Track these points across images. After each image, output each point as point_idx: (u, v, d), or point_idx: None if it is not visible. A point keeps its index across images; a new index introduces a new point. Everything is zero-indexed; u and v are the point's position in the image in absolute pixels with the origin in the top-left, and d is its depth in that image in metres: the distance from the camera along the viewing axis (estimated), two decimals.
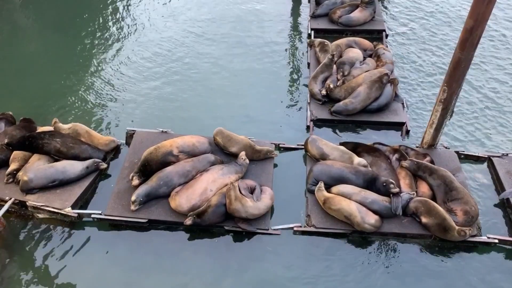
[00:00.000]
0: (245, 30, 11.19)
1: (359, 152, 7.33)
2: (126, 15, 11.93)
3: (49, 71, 9.89)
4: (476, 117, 8.49)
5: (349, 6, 10.84)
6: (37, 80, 9.58)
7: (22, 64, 10.09)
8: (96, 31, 11.28)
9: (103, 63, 10.16)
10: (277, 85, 9.48)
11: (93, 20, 11.70)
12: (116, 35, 11.15)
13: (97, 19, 11.79)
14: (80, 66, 10.06)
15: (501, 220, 6.65)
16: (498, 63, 9.89)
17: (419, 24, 11.25)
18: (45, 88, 9.32)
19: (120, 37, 11.07)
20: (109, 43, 10.85)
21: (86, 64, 10.11)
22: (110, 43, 10.85)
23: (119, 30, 11.32)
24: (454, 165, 7.16)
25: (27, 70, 9.89)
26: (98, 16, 11.89)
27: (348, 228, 6.38)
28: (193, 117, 8.63)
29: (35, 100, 8.94)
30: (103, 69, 9.96)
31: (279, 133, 8.19)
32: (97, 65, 10.08)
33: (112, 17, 11.88)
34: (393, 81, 8.55)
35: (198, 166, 6.77)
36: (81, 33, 11.15)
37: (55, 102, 8.90)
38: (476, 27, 5.96)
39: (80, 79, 9.64)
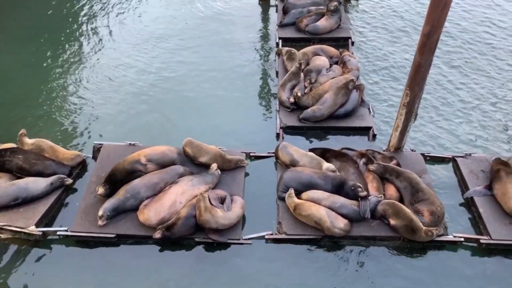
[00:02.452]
0: (213, 41, 11.22)
1: (328, 157, 7.41)
2: (94, 28, 11.76)
3: (14, 85, 9.63)
4: (439, 119, 8.73)
5: (315, 15, 11.03)
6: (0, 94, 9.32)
7: None
8: (63, 44, 11.08)
9: (68, 76, 9.97)
10: (246, 94, 9.51)
11: (60, 33, 11.50)
12: (83, 48, 10.98)
13: (64, 32, 11.59)
14: (45, 80, 9.84)
15: (466, 219, 6.82)
16: (458, 64, 10.22)
17: (384, 30, 11.55)
18: (8, 103, 9.05)
19: (88, 50, 10.90)
20: (76, 57, 10.66)
21: (52, 78, 9.90)
22: (76, 57, 10.66)
23: (87, 44, 11.15)
24: (420, 167, 7.33)
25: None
26: (65, 29, 11.68)
27: (319, 233, 6.41)
28: (162, 129, 8.54)
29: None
30: (69, 83, 9.77)
31: (250, 142, 8.19)
32: (63, 79, 9.88)
33: (79, 30, 11.69)
34: (359, 87, 8.72)
35: (167, 178, 6.69)
36: (48, 47, 10.93)
37: (19, 117, 8.66)
38: (433, 32, 6.16)
39: (45, 93, 9.41)
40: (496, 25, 11.65)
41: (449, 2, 5.92)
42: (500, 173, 6.82)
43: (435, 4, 5.92)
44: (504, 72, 10.01)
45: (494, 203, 6.72)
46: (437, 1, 5.90)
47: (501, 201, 6.62)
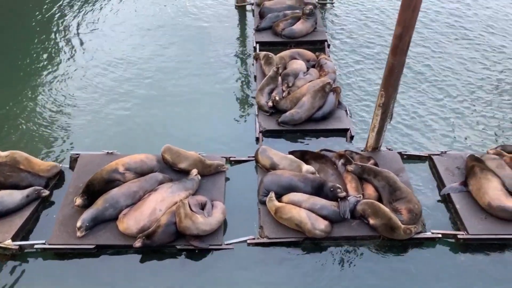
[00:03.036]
0: (190, 47, 11.20)
1: (307, 159, 7.48)
2: (68, 36, 11.59)
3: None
4: (415, 118, 8.90)
5: (291, 18, 11.14)
6: None
7: None
8: (37, 53, 10.88)
9: (42, 86, 9.79)
10: (225, 98, 9.52)
11: (33, 43, 11.29)
12: (58, 57, 10.80)
13: (37, 40, 11.38)
14: (18, 90, 9.63)
15: (444, 215, 6.96)
16: (430, 64, 10.47)
17: (359, 32, 11.73)
18: None
19: (62, 59, 10.73)
20: (50, 65, 10.49)
21: (24, 88, 9.70)
22: (50, 65, 10.49)
23: (61, 52, 10.98)
24: (397, 165, 7.46)
25: None
26: (38, 38, 11.48)
27: (300, 235, 6.44)
28: (141, 137, 8.46)
29: None
30: (43, 92, 9.60)
31: (229, 146, 8.20)
32: (36, 88, 9.70)
33: (53, 39, 11.50)
34: (335, 90, 8.83)
35: (146, 186, 6.62)
36: (21, 57, 10.72)
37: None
38: (404, 34, 6.30)
39: (18, 104, 9.22)
40: (464, 21, 11.99)
41: (418, 4, 6.06)
42: (474, 169, 6.99)
43: (406, 6, 6.06)
44: (475, 70, 10.28)
45: (470, 199, 6.88)
46: (407, 3, 6.04)
47: (476, 197, 6.78)
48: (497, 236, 6.41)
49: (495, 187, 6.64)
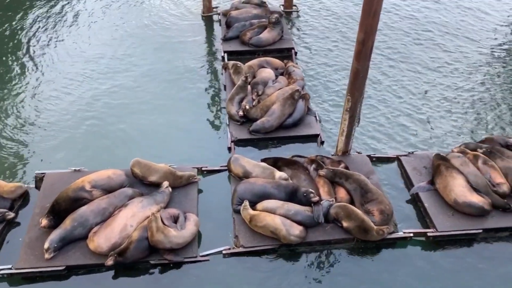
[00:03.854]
0: (158, 59, 11.09)
1: (279, 166, 7.51)
2: (31, 50, 11.26)
3: None
4: (382, 121, 9.11)
5: (257, 27, 11.23)
6: None
7: None
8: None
9: (3, 103, 9.44)
10: (195, 109, 9.47)
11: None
12: (20, 73, 10.47)
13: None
14: None
15: (414, 214, 7.14)
16: (394, 65, 10.77)
17: (325, 39, 11.94)
18: None
19: (24, 74, 10.40)
20: (11, 81, 10.14)
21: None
22: (12, 82, 10.14)
23: (23, 67, 10.64)
24: (367, 168, 7.60)
25: None
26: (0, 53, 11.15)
27: (276, 243, 6.44)
28: (108, 152, 8.28)
29: None
30: (5, 109, 9.25)
31: (202, 157, 8.13)
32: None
33: (15, 53, 11.14)
34: (304, 96, 8.94)
35: (115, 202, 6.47)
36: None
37: None
38: (367, 39, 6.46)
39: None
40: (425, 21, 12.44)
41: (379, 9, 6.24)
42: (440, 168, 7.20)
43: (366, 13, 6.22)
44: (437, 71, 10.64)
45: (438, 197, 7.08)
46: (367, 9, 6.21)
47: (443, 194, 6.98)
48: (464, 231, 6.61)
49: (460, 184, 6.86)
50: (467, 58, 11.14)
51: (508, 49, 11.55)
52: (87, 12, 13.00)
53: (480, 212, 6.71)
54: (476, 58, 11.16)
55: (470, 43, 11.77)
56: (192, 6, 13.44)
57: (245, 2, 12.54)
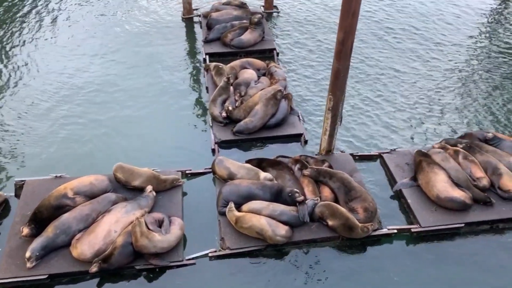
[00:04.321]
0: (139, 62, 10.98)
1: (264, 167, 7.52)
2: (9, 56, 11.02)
3: None
4: (364, 120, 9.20)
5: (239, 29, 11.23)
6: None
7: None
8: None
9: None
10: (178, 111, 9.40)
11: None
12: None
13: None
14: None
15: (398, 211, 7.23)
16: (373, 64, 10.91)
17: (306, 39, 12.01)
18: None
19: (4, 79, 10.17)
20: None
21: None
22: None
23: (2, 72, 10.44)
24: (350, 166, 7.67)
25: None
26: None
27: (262, 243, 6.44)
28: (90, 157, 8.15)
29: None
30: None
31: (185, 160, 8.07)
32: None
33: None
34: (287, 96, 8.97)
35: (98, 208, 6.38)
36: None
37: None
38: (346, 39, 6.52)
39: None
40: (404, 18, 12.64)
41: (357, 9, 6.31)
42: (422, 164, 7.32)
43: (345, 13, 6.28)
44: (416, 67, 10.81)
45: (420, 192, 7.19)
46: (346, 9, 6.27)
47: (426, 190, 7.09)
48: (447, 226, 6.73)
49: (442, 180, 6.98)
50: (445, 57, 11.34)
51: (483, 47, 11.80)
52: (65, 15, 12.80)
53: (462, 207, 6.84)
54: (453, 56, 11.37)
55: (447, 42, 11.99)
56: (172, 9, 13.36)
57: (225, 3, 12.52)
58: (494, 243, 6.75)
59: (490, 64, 11.09)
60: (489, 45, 11.86)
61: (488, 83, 10.39)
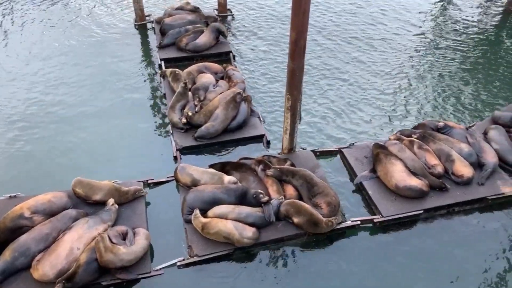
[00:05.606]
0: (94, 71, 10.69)
1: (228, 170, 7.52)
2: None
3: None
4: (323, 117, 9.40)
5: (193, 33, 11.16)
6: None
7: None
8: None
9: None
10: (136, 120, 9.22)
11: None
12: None
13: None
14: None
15: (360, 203, 7.44)
16: (326, 61, 11.18)
17: (261, 40, 12.12)
18: None
19: None
20: None
21: None
22: None
23: None
24: (312, 163, 7.81)
25: None
26: None
27: (230, 247, 6.44)
28: (46, 173, 7.86)
29: None
30: None
31: (147, 170, 7.93)
32: None
33: None
34: (246, 98, 9.02)
35: (59, 226, 6.15)
36: None
37: None
38: (299, 38, 6.63)
39: None
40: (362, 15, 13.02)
41: (307, 8, 6.40)
42: (379, 156, 7.56)
43: (296, 12, 6.37)
44: (367, 62, 11.17)
45: (380, 183, 7.43)
46: (297, 9, 6.35)
47: (385, 181, 7.34)
48: (407, 214, 6.99)
49: (400, 170, 7.25)
50: (396, 51, 11.78)
51: (433, 39, 12.36)
52: (15, 25, 12.27)
53: (419, 194, 7.13)
54: (401, 52, 11.84)
55: (398, 36, 12.46)
56: (124, 15, 13.11)
57: (178, 8, 12.42)
58: (451, 228, 7.07)
59: (436, 58, 11.62)
60: (433, 39, 12.42)
61: (435, 76, 10.88)
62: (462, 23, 13.10)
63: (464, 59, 11.45)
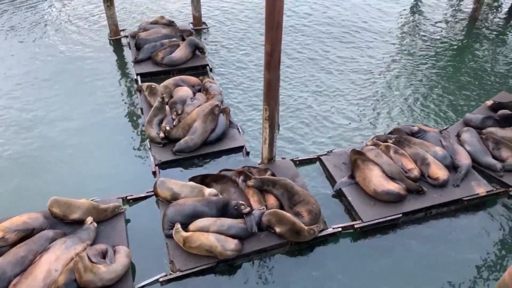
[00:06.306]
0: (70, 89, 10.55)
1: (208, 183, 7.49)
2: None
3: None
4: (300, 125, 9.51)
5: (169, 47, 11.17)
6: None
7: None
8: None
9: None
10: (113, 137, 9.12)
11: None
12: None
13: None
14: None
15: (341, 209, 7.51)
16: (301, 70, 11.36)
17: (237, 52, 12.23)
18: None
19: None
20: None
21: None
22: None
23: None
24: (292, 172, 7.86)
25: None
26: None
27: (213, 260, 6.39)
28: (19, 193, 7.66)
29: None
30: None
31: (126, 186, 7.82)
32: None
33: None
34: (225, 110, 9.05)
35: (35, 248, 5.97)
36: None
37: None
38: (274, 50, 6.72)
39: None
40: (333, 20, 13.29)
41: (281, 21, 6.52)
42: (357, 162, 7.68)
43: (270, 25, 6.48)
44: (341, 71, 11.39)
45: (359, 189, 7.53)
46: (270, 22, 6.46)
47: (363, 186, 7.45)
48: (387, 218, 7.09)
49: (377, 175, 7.37)
50: (367, 59, 12.06)
51: (403, 47, 12.71)
52: None
53: (397, 198, 7.25)
54: (375, 58, 12.13)
55: (369, 44, 12.77)
56: (98, 31, 13.01)
57: (153, 22, 12.44)
58: (429, 230, 7.20)
59: (406, 64, 11.94)
60: (403, 46, 12.78)
61: (406, 82, 11.16)
62: (430, 30, 13.54)
63: (433, 64, 11.81)
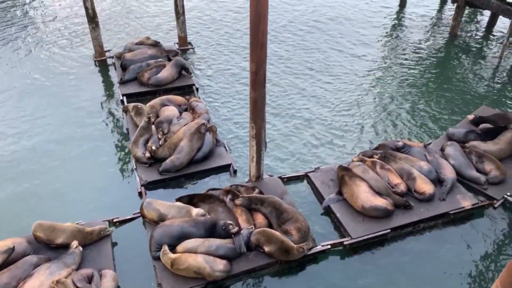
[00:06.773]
0: (55, 111, 10.46)
1: (195, 203, 7.43)
2: None
3: None
4: (287, 143, 9.55)
5: (155, 67, 11.20)
6: None
7: None
8: None
9: None
10: (99, 158, 9.03)
11: None
12: None
13: None
14: None
15: (330, 226, 7.50)
16: (286, 88, 11.48)
17: (223, 71, 12.32)
18: None
19: None
20: None
21: None
22: None
23: None
24: (280, 189, 7.86)
25: None
26: None
27: (202, 282, 6.29)
28: (5, 219, 7.47)
29: None
30: None
31: (111, 208, 7.72)
32: None
33: None
34: (211, 129, 9.05)
35: (18, 274, 5.82)
36: None
37: None
38: (259, 69, 6.79)
39: None
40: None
41: (265, 41, 6.62)
42: (344, 178, 7.72)
43: (254, 46, 6.57)
44: (325, 89, 11.55)
45: (347, 205, 7.54)
46: (255, 42, 6.55)
47: (351, 202, 7.47)
48: (376, 234, 7.10)
49: (364, 190, 7.41)
50: (350, 75, 12.26)
51: (385, 62, 12.96)
52: None
53: (385, 213, 7.29)
54: (357, 74, 12.34)
55: (352, 59, 13.00)
56: (83, 52, 13.01)
57: (138, 43, 12.48)
58: (418, 244, 7.22)
59: (388, 80, 12.17)
60: (385, 62, 13.04)
61: (389, 97, 11.34)
62: (411, 47, 13.85)
63: (415, 80, 12.05)
